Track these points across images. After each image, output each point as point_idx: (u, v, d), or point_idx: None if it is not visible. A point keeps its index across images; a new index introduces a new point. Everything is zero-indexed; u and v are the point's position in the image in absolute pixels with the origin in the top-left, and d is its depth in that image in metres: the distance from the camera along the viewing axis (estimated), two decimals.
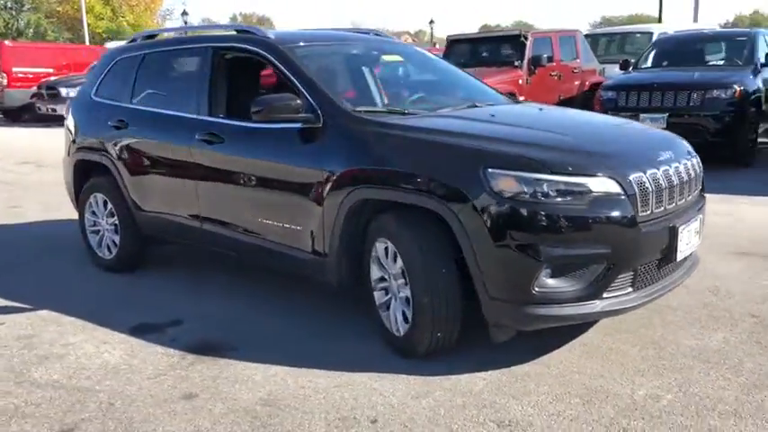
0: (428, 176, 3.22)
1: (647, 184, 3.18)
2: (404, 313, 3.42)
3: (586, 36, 13.71)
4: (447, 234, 3.24)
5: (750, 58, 9.71)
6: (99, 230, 5.25)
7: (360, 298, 3.77)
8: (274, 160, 3.93)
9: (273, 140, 3.94)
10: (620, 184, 3.09)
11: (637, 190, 3.12)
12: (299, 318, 4.06)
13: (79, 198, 5.37)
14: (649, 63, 10.69)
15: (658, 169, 3.28)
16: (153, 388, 3.27)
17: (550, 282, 3.05)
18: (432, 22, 51.05)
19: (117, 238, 5.08)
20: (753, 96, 8.99)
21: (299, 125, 3.79)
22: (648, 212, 3.17)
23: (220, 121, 4.27)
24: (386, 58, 4.78)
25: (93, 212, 5.27)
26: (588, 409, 2.93)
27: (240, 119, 4.22)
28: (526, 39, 11.05)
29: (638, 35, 14.47)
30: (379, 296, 3.62)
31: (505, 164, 3.09)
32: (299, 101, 3.74)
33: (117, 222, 5.04)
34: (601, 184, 3.07)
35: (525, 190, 3.01)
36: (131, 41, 5.38)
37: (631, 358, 3.39)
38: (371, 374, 3.30)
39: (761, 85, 9.25)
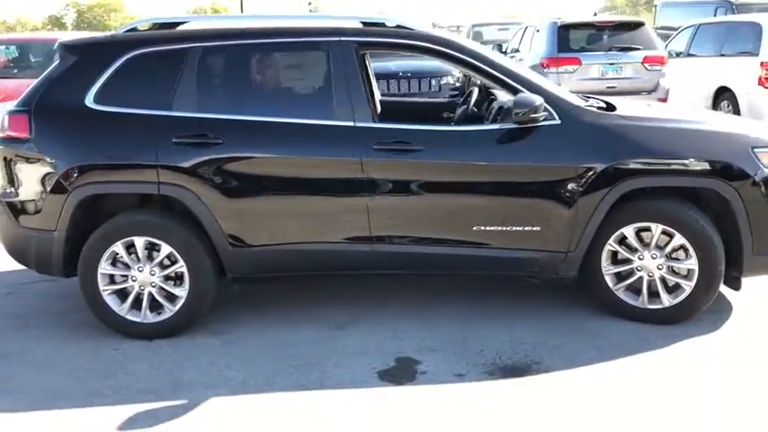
0: (710, 161, 3.71)
1: None
2: (665, 284, 3.84)
3: None
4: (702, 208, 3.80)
5: None
6: (131, 288, 3.85)
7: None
8: (502, 163, 3.76)
9: (495, 142, 3.78)
10: None
11: None
12: (525, 322, 3.96)
13: (82, 249, 3.81)
14: None
15: None
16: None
17: None
18: None
19: (180, 291, 3.84)
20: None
21: (512, 125, 3.73)
22: None
23: (411, 127, 3.77)
24: None
25: (116, 264, 3.84)
26: None
27: (420, 122, 3.82)
28: None
29: None
30: (612, 279, 3.90)
31: (765, 143, 3.81)
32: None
33: (184, 270, 3.81)
34: None
35: None
36: (130, 30, 4.00)
37: None
38: (679, 346, 3.65)
39: None
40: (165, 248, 3.80)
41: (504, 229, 3.79)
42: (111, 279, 3.87)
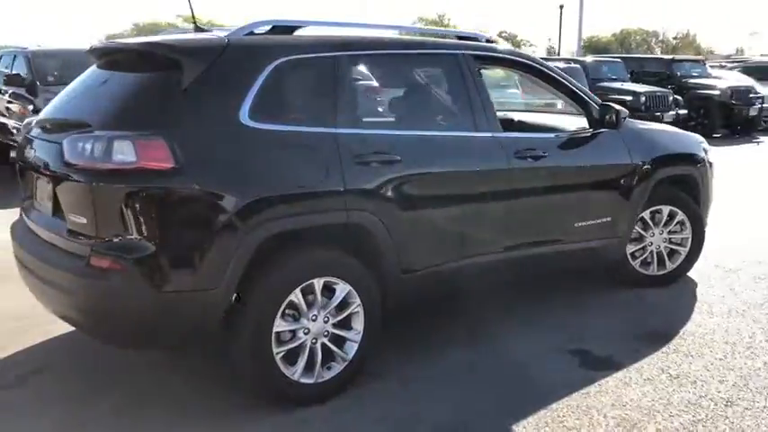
0: (692, 153, 4.89)
1: None
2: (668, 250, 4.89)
3: None
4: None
5: None
6: (303, 343, 3.18)
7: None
8: (592, 163, 4.29)
9: (584, 146, 4.28)
10: None
11: None
12: (600, 304, 4.54)
13: (250, 305, 3.00)
14: None
15: None
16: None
17: None
18: None
19: (354, 335, 3.32)
20: None
21: (591, 129, 4.36)
22: None
23: (531, 135, 4.01)
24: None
25: (288, 317, 3.13)
26: None
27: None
28: None
29: None
30: (630, 256, 4.79)
31: (704, 140, 5.16)
32: None
33: (359, 309, 3.29)
34: None
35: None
36: (271, 31, 3.32)
37: None
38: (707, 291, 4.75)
39: None
40: (343, 288, 3.25)
41: (593, 222, 4.30)
42: (284, 338, 3.13)
